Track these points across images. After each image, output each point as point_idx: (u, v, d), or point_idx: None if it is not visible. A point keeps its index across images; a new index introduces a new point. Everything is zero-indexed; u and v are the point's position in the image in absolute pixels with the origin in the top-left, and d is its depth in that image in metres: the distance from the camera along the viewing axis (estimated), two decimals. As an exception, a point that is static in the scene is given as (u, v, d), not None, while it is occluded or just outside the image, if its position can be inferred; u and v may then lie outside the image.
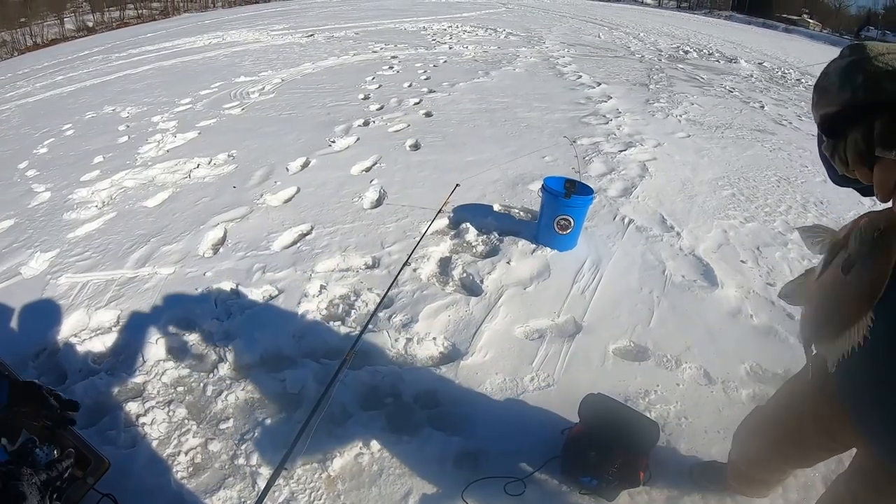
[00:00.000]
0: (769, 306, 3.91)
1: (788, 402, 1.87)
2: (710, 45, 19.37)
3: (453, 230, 4.64)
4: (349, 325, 3.47)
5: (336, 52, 13.70)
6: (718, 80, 12.38)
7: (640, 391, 3.03)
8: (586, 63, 13.27)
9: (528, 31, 19.72)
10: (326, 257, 4.16)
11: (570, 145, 6.21)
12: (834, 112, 0.83)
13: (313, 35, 17.06)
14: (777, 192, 5.96)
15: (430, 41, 15.76)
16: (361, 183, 5.52)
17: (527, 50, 14.86)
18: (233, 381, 3.00)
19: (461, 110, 8.40)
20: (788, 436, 1.86)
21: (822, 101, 0.88)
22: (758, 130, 8.45)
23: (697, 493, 2.49)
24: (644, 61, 14.26)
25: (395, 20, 21.60)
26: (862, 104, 0.79)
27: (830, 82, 0.86)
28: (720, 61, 15.57)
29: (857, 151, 0.80)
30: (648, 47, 17.30)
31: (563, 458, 2.53)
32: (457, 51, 14.17)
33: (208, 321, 3.45)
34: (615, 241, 4.55)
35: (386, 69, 11.46)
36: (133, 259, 4.15)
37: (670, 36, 21.75)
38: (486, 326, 3.45)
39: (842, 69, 0.84)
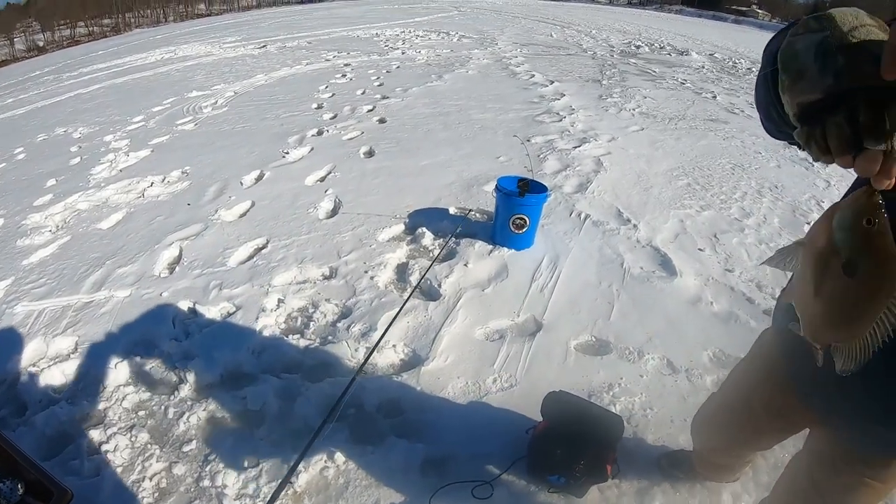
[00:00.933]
0: (728, 292, 3.93)
1: (738, 390, 1.88)
2: (662, 39, 19.64)
3: (409, 235, 4.59)
4: (308, 337, 3.40)
5: (289, 62, 13.61)
6: (670, 72, 12.53)
7: (604, 385, 3.01)
8: (539, 62, 13.33)
9: (481, 32, 19.81)
10: (283, 270, 4.09)
11: (522, 143, 6.17)
12: (815, 100, 0.73)
13: (266, 46, 16.97)
14: (732, 180, 6.02)
15: (383, 47, 15.73)
16: (316, 193, 5.45)
17: (479, 52, 14.90)
18: (194, 402, 2.92)
19: (415, 115, 8.36)
20: (741, 422, 1.87)
21: (799, 88, 0.75)
22: (711, 120, 8.55)
23: (667, 482, 2.48)
24: (596, 58, 14.38)
25: (348, 28, 21.55)
26: (846, 91, 0.70)
27: (805, 64, 0.74)
28: (672, 54, 15.78)
29: (843, 139, 0.70)
30: (600, 44, 17.47)
31: (530, 457, 2.51)
32: (410, 56, 14.15)
33: (167, 342, 3.36)
34: (572, 237, 4.54)
35: (339, 77, 11.38)
36: (89, 283, 4.03)
37: (622, 32, 22.02)
38: (446, 331, 3.41)
39: (816, 48, 0.73)
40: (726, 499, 2.44)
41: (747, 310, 3.74)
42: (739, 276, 4.13)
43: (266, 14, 39.75)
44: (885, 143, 0.67)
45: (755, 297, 3.89)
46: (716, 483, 2.47)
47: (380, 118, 8.21)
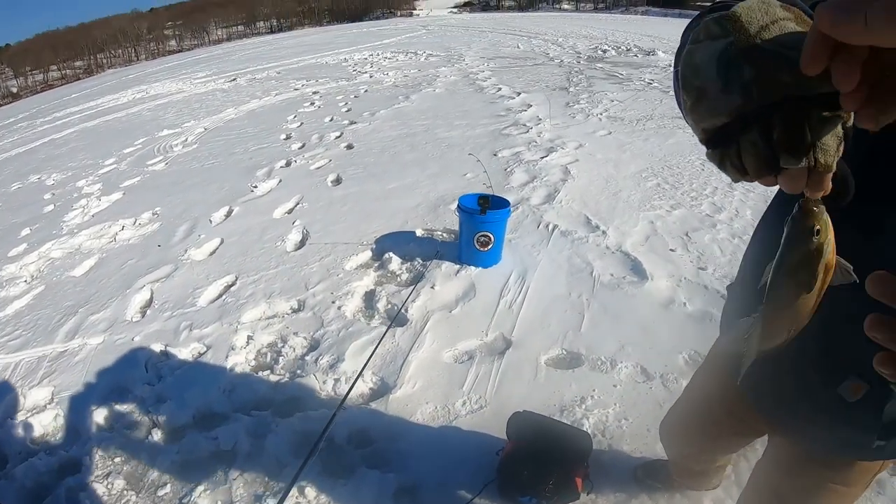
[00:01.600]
0: (702, 291, 3.88)
1: (699, 395, 1.84)
2: (628, 42, 19.77)
3: (377, 262, 4.54)
4: (278, 373, 3.38)
5: (258, 93, 13.66)
6: (637, 73, 12.58)
7: (576, 399, 2.96)
8: (506, 75, 13.39)
9: (448, 50, 19.94)
10: (252, 307, 4.06)
11: (477, 161, 6.11)
12: (722, 125, 0.60)
13: (236, 79, 17.03)
14: (702, 176, 5.99)
15: (351, 72, 15.81)
16: (284, 226, 5.41)
17: (447, 69, 14.96)
18: (168, 445, 2.91)
19: (382, 138, 8.36)
20: (703, 427, 1.84)
21: (702, 110, 0.62)
22: (678, 118, 8.51)
23: (645, 493, 2.44)
24: (563, 65, 14.45)
25: (316, 55, 21.69)
26: (757, 108, 0.57)
27: (706, 80, 0.60)
28: (638, 56, 15.86)
29: (760, 159, 0.58)
30: (567, 51, 17.57)
31: (499, 480, 2.47)
32: (377, 78, 14.20)
33: (140, 387, 3.35)
34: (540, 249, 4.49)
35: (307, 106, 11.42)
36: (63, 332, 4.03)
37: (588, 38, 22.15)
38: (414, 356, 3.37)
39: (719, 60, 0.59)
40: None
41: (722, 307, 3.66)
42: (713, 274, 4.08)
43: (236, 46, 39.93)
44: (806, 159, 0.56)
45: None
46: (696, 491, 2.42)
47: (347, 144, 8.20)
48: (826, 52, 0.47)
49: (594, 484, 2.44)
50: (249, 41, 49.64)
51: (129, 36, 73.76)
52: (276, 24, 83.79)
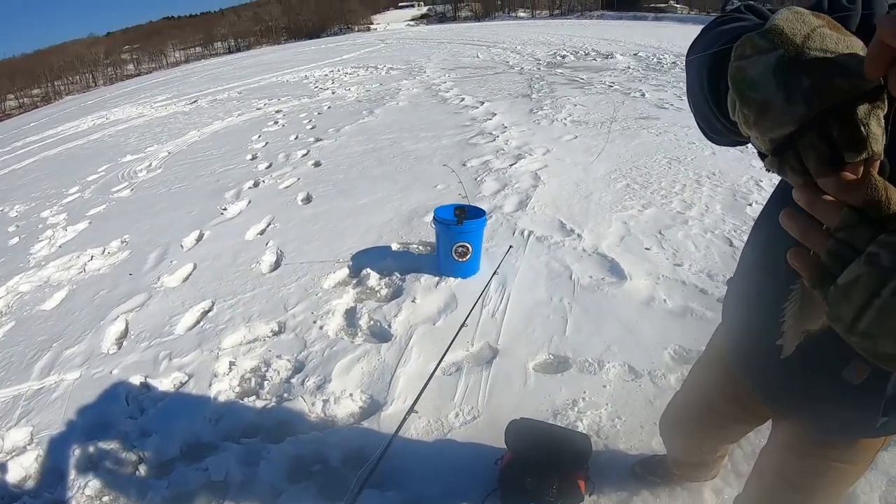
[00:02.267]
0: (681, 287, 3.93)
1: (698, 387, 1.86)
2: (586, 46, 20.01)
3: (354, 278, 4.50)
4: (264, 398, 3.31)
5: (220, 114, 13.56)
6: (598, 77, 12.73)
7: (568, 402, 2.97)
8: (468, 84, 13.46)
9: (409, 62, 19.99)
10: (231, 332, 3.98)
11: (452, 172, 6.13)
12: (790, 133, 0.61)
13: (197, 101, 16.91)
14: (670, 174, 6.07)
15: (313, 89, 15.77)
16: (257, 247, 5.34)
17: (408, 82, 15.00)
18: (156, 480, 2.82)
19: (349, 154, 8.32)
20: (704, 418, 1.85)
21: (769, 121, 0.64)
22: (642, 118, 8.66)
23: (646, 490, 2.45)
24: (524, 73, 14.57)
25: (276, 73, 21.63)
26: (820, 114, 0.59)
27: (769, 95, 0.62)
28: (597, 59, 16.06)
29: (823, 158, 0.60)
30: (527, 59, 17.72)
31: (501, 490, 2.46)
32: (340, 94, 14.18)
33: (122, 421, 3.25)
34: (518, 256, 4.49)
35: (271, 125, 11.34)
36: (37, 369, 3.90)
37: (546, 44, 22.39)
38: (401, 371, 3.34)
39: (775, 73, 0.62)
40: (708, 497, 2.42)
41: (702, 301, 3.74)
42: (689, 269, 4.13)
43: (195, 68, 39.59)
44: (866, 151, 0.58)
45: (707, 287, 3.90)
46: (695, 483, 2.45)
47: (315, 162, 8.15)
48: (886, 61, 0.52)
49: (595, 484, 2.44)
50: (208, 62, 49.31)
51: (86, 61, 72.81)
52: (234, 45, 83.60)
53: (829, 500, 1.53)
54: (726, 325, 1.58)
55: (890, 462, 2.52)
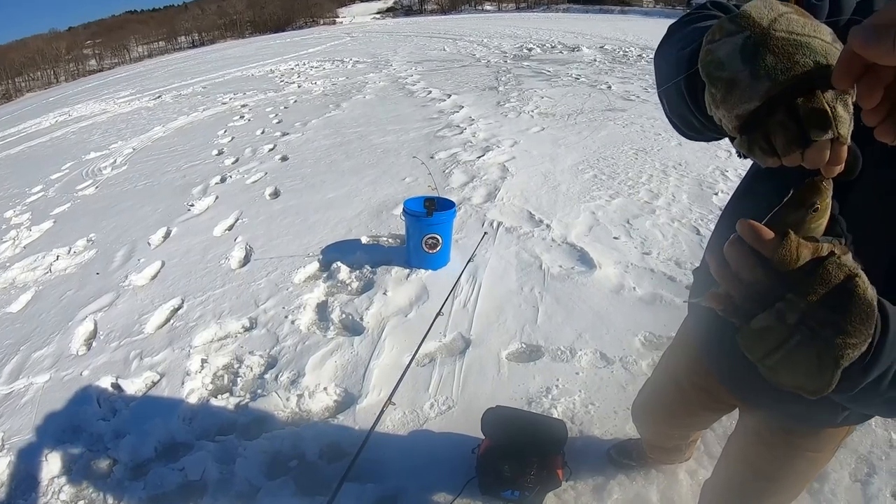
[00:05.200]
0: (649, 275, 3.99)
1: (668, 374, 1.88)
2: (552, 39, 20.10)
3: (325, 272, 4.47)
4: (237, 394, 3.27)
5: (185, 110, 13.37)
6: (564, 69, 12.80)
7: (542, 390, 3.00)
8: (435, 77, 13.45)
9: (375, 56, 19.92)
10: (202, 329, 3.92)
11: (421, 163, 6.13)
12: (756, 108, 0.66)
13: (161, 96, 16.67)
14: (636, 165, 6.13)
15: (279, 83, 15.62)
16: (226, 243, 5.27)
17: (375, 75, 14.94)
18: (132, 482, 2.76)
19: (316, 148, 8.25)
20: (675, 405, 1.88)
21: (735, 98, 0.68)
22: (609, 110, 8.74)
23: (622, 473, 2.50)
24: (491, 65, 14.60)
25: (241, 67, 21.38)
26: (783, 91, 0.64)
27: (735, 72, 0.67)
28: (563, 52, 16.15)
29: (790, 137, 0.64)
30: (493, 51, 17.76)
31: (479, 478, 2.47)
32: (306, 88, 14.06)
33: (95, 423, 3.17)
34: (487, 247, 4.51)
35: (237, 119, 11.20)
36: (6, 373, 3.78)
37: (513, 37, 22.44)
38: (375, 364, 3.33)
39: (741, 52, 0.66)
40: (683, 477, 2.47)
41: (670, 288, 3.81)
42: (657, 257, 4.19)
43: (158, 63, 38.98)
44: (832, 131, 0.62)
45: (675, 274, 3.97)
46: (670, 465, 2.50)
47: (282, 156, 8.05)
48: (855, 70, 0.55)
49: (572, 469, 2.47)
50: (172, 57, 48.62)
51: (47, 57, 71.05)
52: (198, 39, 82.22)
53: (795, 487, 1.56)
54: (692, 316, 1.61)
55: (859, 440, 2.59)
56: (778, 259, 0.60)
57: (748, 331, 0.63)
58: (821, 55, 0.62)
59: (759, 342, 0.62)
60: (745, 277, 0.63)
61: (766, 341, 0.61)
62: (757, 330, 0.62)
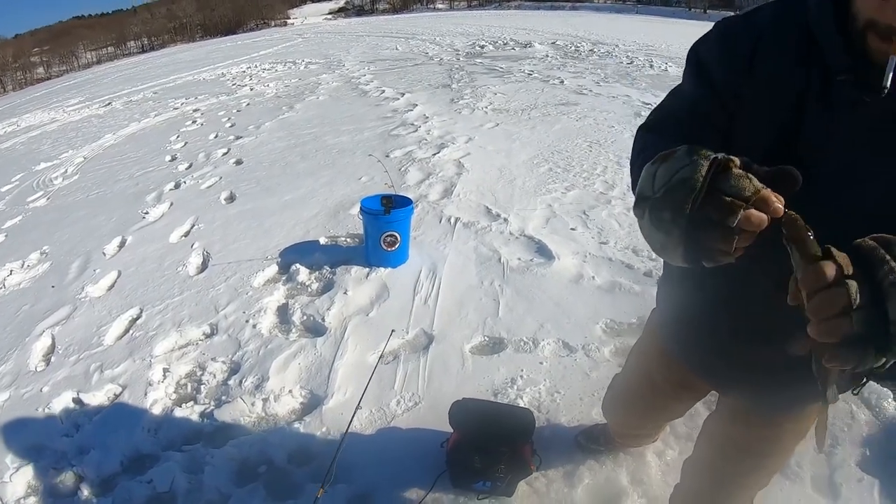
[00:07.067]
0: (607, 263, 4.05)
1: (638, 368, 1.91)
2: (505, 36, 20.26)
3: (284, 275, 4.42)
4: (202, 402, 3.21)
5: (136, 116, 13.07)
6: (517, 66, 12.89)
7: (507, 381, 3.02)
8: (388, 77, 13.44)
9: (327, 56, 19.83)
10: (162, 338, 3.83)
11: (378, 161, 6.09)
12: (685, 247, 0.77)
13: (111, 103, 16.28)
14: (591, 157, 6.21)
15: (231, 86, 15.42)
16: (183, 250, 5.18)
17: (328, 76, 14.85)
18: (100, 499, 2.69)
19: (271, 150, 8.17)
20: (648, 399, 1.91)
21: (673, 250, 0.79)
22: (562, 104, 8.83)
23: (591, 459, 2.52)
24: (444, 63, 14.65)
25: (192, 71, 21.06)
26: (689, 221, 0.74)
27: (658, 241, 0.81)
28: (516, 48, 16.28)
29: (722, 236, 0.74)
30: (446, 49, 17.81)
31: (450, 471, 2.47)
32: (259, 91, 13.91)
33: (58, 440, 3.07)
34: (446, 243, 4.53)
35: (189, 124, 10.98)
36: None
37: (465, 35, 22.53)
38: (339, 364, 3.30)
39: (651, 223, 0.80)
40: (651, 459, 2.51)
41: (628, 276, 3.88)
42: (615, 246, 4.26)
43: (108, 69, 38.22)
44: (739, 208, 0.71)
45: (633, 262, 4.04)
46: (638, 448, 2.54)
47: (236, 160, 7.94)
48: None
49: (542, 458, 2.49)
50: (121, 62, 47.58)
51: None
52: (148, 43, 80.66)
53: (782, 460, 1.59)
54: (659, 308, 1.63)
55: None
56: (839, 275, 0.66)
57: None
58: (689, 182, 0.72)
59: None
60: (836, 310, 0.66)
61: None
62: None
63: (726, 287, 1.19)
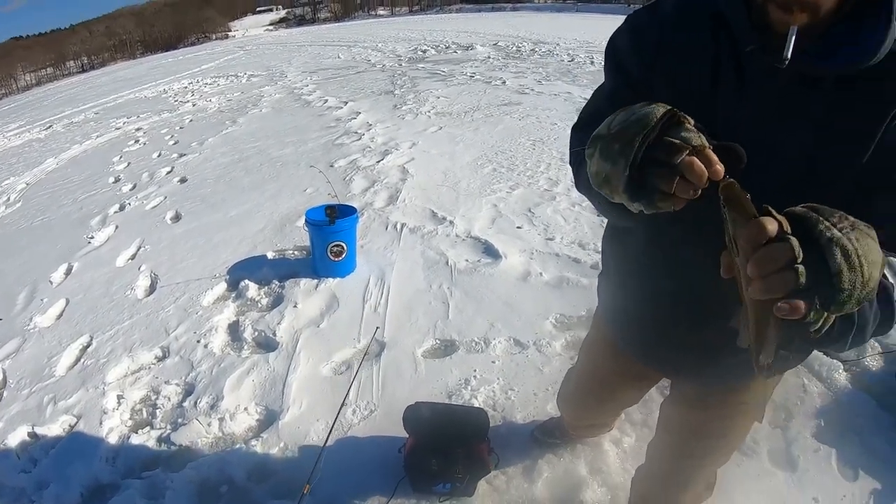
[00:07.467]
0: (554, 259, 4.11)
1: (589, 364, 1.94)
2: (447, 39, 20.35)
3: (233, 292, 4.38)
4: (158, 427, 3.15)
5: (78, 138, 12.75)
6: (459, 68, 12.97)
7: (461, 382, 3.04)
8: (330, 86, 13.40)
9: (269, 68, 19.67)
10: (114, 364, 3.74)
11: (320, 172, 6.07)
12: (627, 177, 0.81)
13: (52, 126, 15.89)
14: (534, 155, 6.29)
15: (173, 103, 15.18)
16: (130, 273, 5.07)
17: (270, 88, 14.74)
18: None
19: (215, 166, 8.07)
20: (600, 393, 1.95)
21: (615, 181, 0.83)
22: (504, 105, 8.91)
23: (549, 452, 2.55)
24: (386, 70, 14.65)
25: (134, 89, 20.68)
26: (634, 155, 0.79)
27: (605, 170, 0.84)
28: (458, 52, 16.36)
29: (664, 174, 0.79)
30: (388, 56, 17.83)
31: (409, 476, 2.48)
32: (201, 106, 13.73)
33: (15, 477, 2.98)
34: (393, 249, 4.54)
35: (132, 144, 10.76)
36: None
37: (407, 40, 22.57)
38: (293, 377, 3.28)
39: (601, 157, 0.85)
40: (609, 447, 2.55)
41: (576, 270, 3.93)
42: (561, 242, 4.32)
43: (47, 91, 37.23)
44: (686, 148, 0.75)
45: (580, 256, 4.10)
46: (594, 438, 2.57)
47: (180, 178, 7.82)
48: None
49: (500, 456, 2.51)
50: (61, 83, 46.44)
51: (-73, 93, 66.61)
52: (88, 62, 78.92)
53: (739, 436, 1.62)
54: (601, 303, 1.66)
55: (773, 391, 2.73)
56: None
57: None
58: (643, 120, 0.77)
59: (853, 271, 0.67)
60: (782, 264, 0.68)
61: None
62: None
63: (663, 273, 1.23)
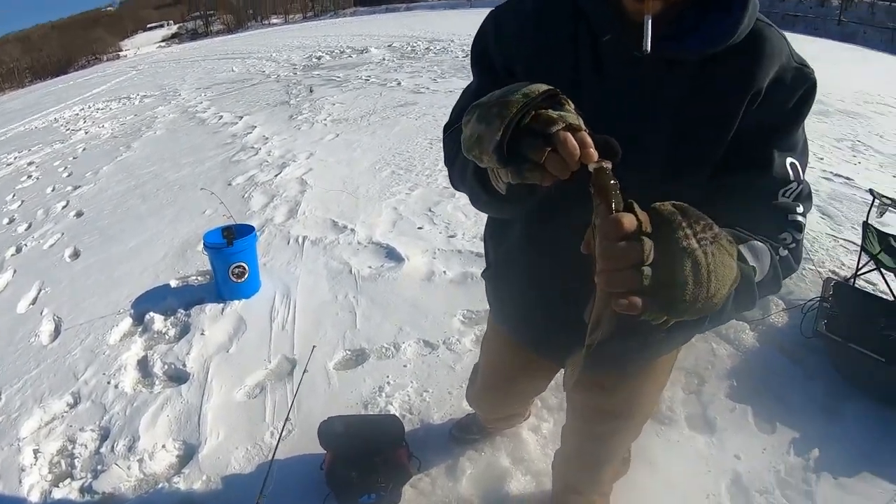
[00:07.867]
0: (457, 256, 4.21)
1: (491, 362, 1.99)
2: (341, 44, 20.24)
3: (139, 326, 4.26)
4: (78, 477, 3.03)
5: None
6: (354, 73, 12.96)
7: (375, 390, 3.07)
8: (225, 101, 13.15)
9: (162, 87, 19.09)
10: (26, 417, 3.56)
11: (212, 194, 5.96)
12: (500, 137, 0.80)
13: (-68, 171, 14.90)
14: (432, 154, 6.39)
15: (65, 132, 14.47)
16: (33, 318, 4.84)
17: (164, 108, 14.30)
18: None
19: (111, 196, 7.79)
20: (506, 388, 1.99)
21: (486, 142, 0.81)
22: (401, 106, 8.98)
23: (469, 448, 2.60)
24: (281, 80, 14.47)
25: (23, 121, 19.62)
26: (510, 121, 0.79)
27: (478, 130, 0.83)
28: (353, 56, 16.31)
29: (536, 144, 0.78)
30: (283, 65, 17.60)
31: (333, 491, 2.48)
32: (94, 133, 13.18)
33: None
34: (296, 264, 4.53)
35: (25, 180, 10.18)
36: None
37: (301, 48, 22.34)
38: (207, 407, 3.24)
39: (478, 120, 0.83)
40: (528, 436, 2.63)
41: (479, 264, 3.99)
42: (463, 237, 4.43)
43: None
44: (560, 121, 0.76)
45: (482, 250, 4.12)
46: (512, 428, 2.65)
47: (76, 212, 7.50)
48: None
49: (420, 460, 2.54)
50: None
51: None
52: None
53: (645, 412, 1.69)
54: (489, 301, 1.71)
55: (683, 357, 2.87)
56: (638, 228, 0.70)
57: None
58: (526, 91, 0.79)
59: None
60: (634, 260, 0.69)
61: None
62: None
63: (545, 255, 1.27)
